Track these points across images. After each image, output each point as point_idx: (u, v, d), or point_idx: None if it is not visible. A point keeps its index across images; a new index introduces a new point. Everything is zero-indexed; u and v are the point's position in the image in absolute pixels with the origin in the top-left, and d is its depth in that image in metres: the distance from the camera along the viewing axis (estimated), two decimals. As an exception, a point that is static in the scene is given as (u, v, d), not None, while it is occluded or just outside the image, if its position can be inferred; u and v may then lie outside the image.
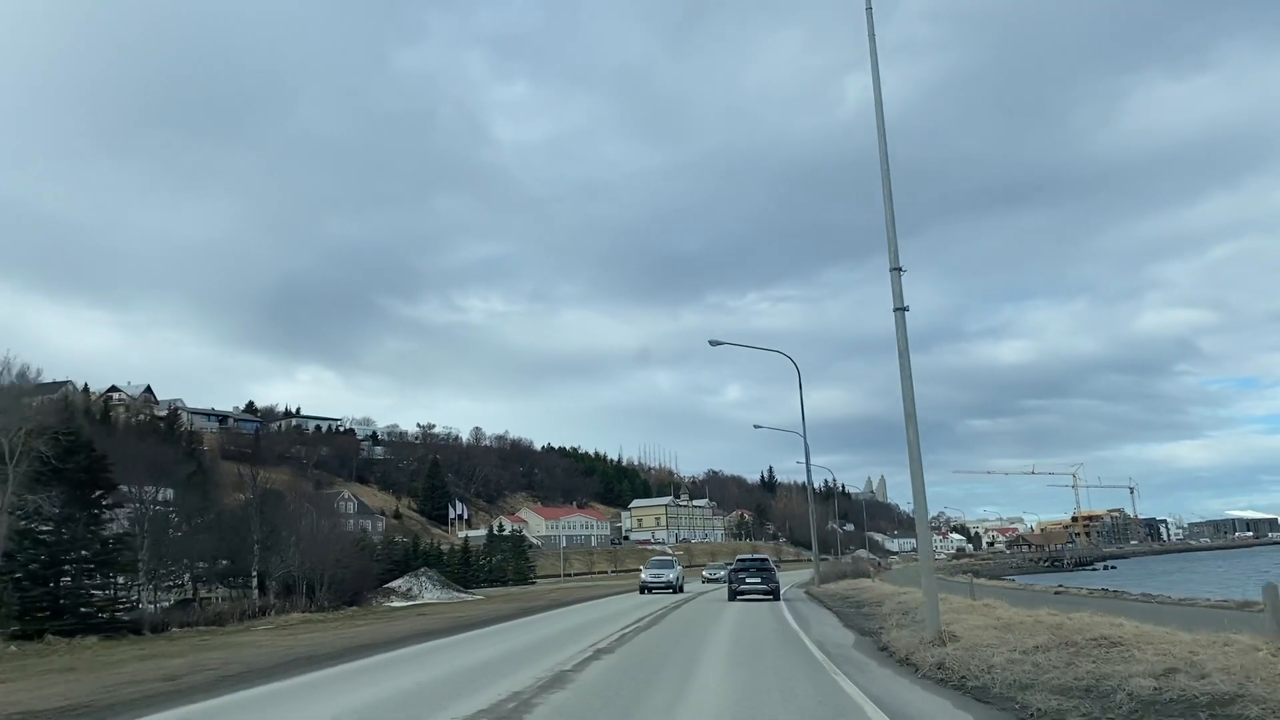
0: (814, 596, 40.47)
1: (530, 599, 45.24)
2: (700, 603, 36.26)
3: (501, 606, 39.49)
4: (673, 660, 15.18)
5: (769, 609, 30.82)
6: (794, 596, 40.94)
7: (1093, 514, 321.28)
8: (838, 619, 25.61)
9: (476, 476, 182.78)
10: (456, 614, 34.65)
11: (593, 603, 39.05)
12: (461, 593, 50.77)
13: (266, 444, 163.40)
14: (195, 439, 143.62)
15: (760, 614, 28.13)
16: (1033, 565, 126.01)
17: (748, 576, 38.29)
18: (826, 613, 28.77)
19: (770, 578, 38.62)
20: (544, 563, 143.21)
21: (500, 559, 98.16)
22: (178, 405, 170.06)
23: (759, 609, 30.86)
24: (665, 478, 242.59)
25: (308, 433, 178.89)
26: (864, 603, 29.96)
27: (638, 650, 17.09)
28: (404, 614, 37.83)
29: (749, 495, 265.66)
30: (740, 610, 30.05)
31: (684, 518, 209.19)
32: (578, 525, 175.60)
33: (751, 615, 27.50)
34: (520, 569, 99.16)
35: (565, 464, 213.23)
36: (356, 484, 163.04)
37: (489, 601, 45.50)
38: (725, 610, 30.26)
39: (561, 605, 37.82)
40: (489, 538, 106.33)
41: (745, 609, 30.85)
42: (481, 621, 29.26)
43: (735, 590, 38.06)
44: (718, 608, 31.80)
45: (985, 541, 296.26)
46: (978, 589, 29.41)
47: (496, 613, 33.70)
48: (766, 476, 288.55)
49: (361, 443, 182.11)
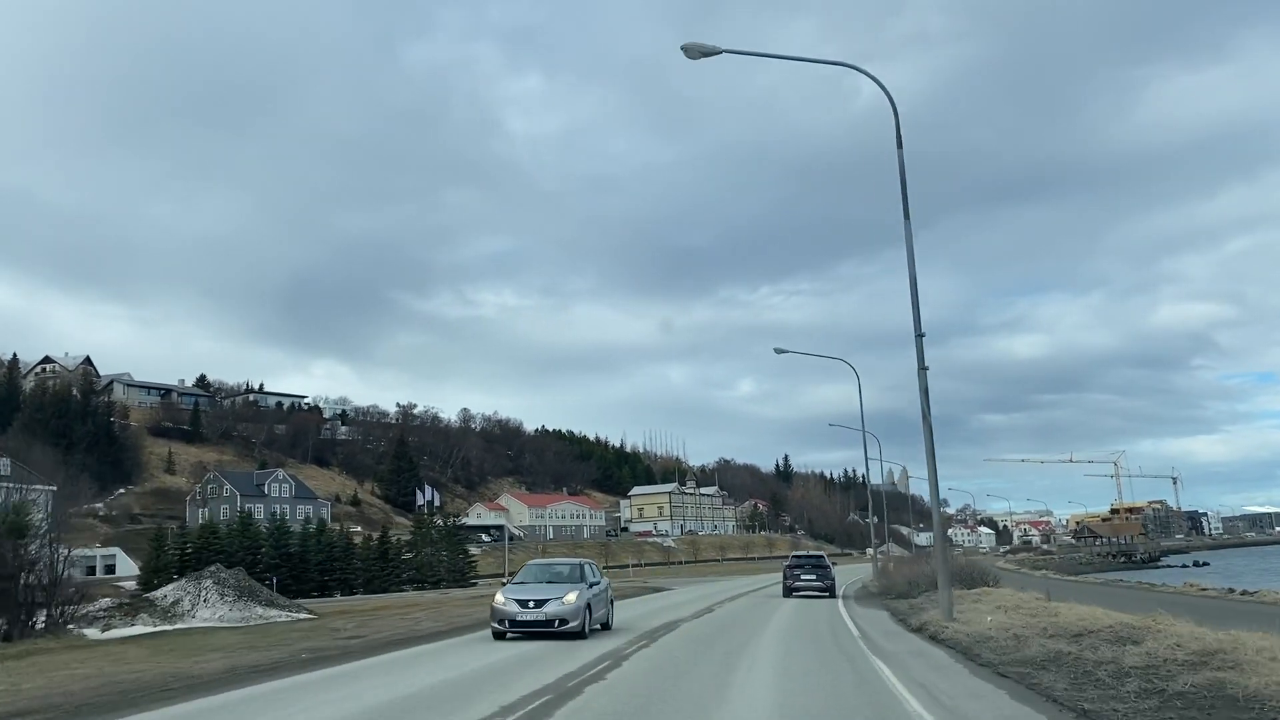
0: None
1: (309, 635, 23.75)
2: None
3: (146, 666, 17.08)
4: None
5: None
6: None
7: (1134, 506, 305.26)
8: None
9: (455, 459, 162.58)
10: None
11: (392, 657, 17.91)
12: (277, 609, 30.05)
13: (212, 421, 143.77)
14: (112, 411, 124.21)
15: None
16: (1104, 560, 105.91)
17: (803, 573, 38.06)
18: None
19: (826, 574, 37.88)
20: (526, 557, 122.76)
21: (429, 554, 77.41)
22: (118, 379, 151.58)
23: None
24: (672, 465, 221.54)
25: (267, 410, 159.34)
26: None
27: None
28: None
29: (763, 485, 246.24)
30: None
31: (690, 507, 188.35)
32: (567, 514, 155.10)
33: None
34: (457, 567, 78.71)
35: (559, 447, 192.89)
36: (313, 466, 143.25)
37: (207, 642, 22.33)
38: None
39: (311, 665, 17.00)
40: (416, 527, 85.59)
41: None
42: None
43: (790, 587, 37.82)
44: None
45: (1016, 536, 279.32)
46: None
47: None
48: (782, 465, 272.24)
49: (327, 422, 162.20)
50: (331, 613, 34.41)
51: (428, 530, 79.97)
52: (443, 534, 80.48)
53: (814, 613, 27.58)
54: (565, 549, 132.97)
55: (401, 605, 41.26)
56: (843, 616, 25.39)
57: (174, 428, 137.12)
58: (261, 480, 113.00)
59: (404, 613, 33.18)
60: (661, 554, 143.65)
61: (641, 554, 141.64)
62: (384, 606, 40.63)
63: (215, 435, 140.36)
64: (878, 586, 39.89)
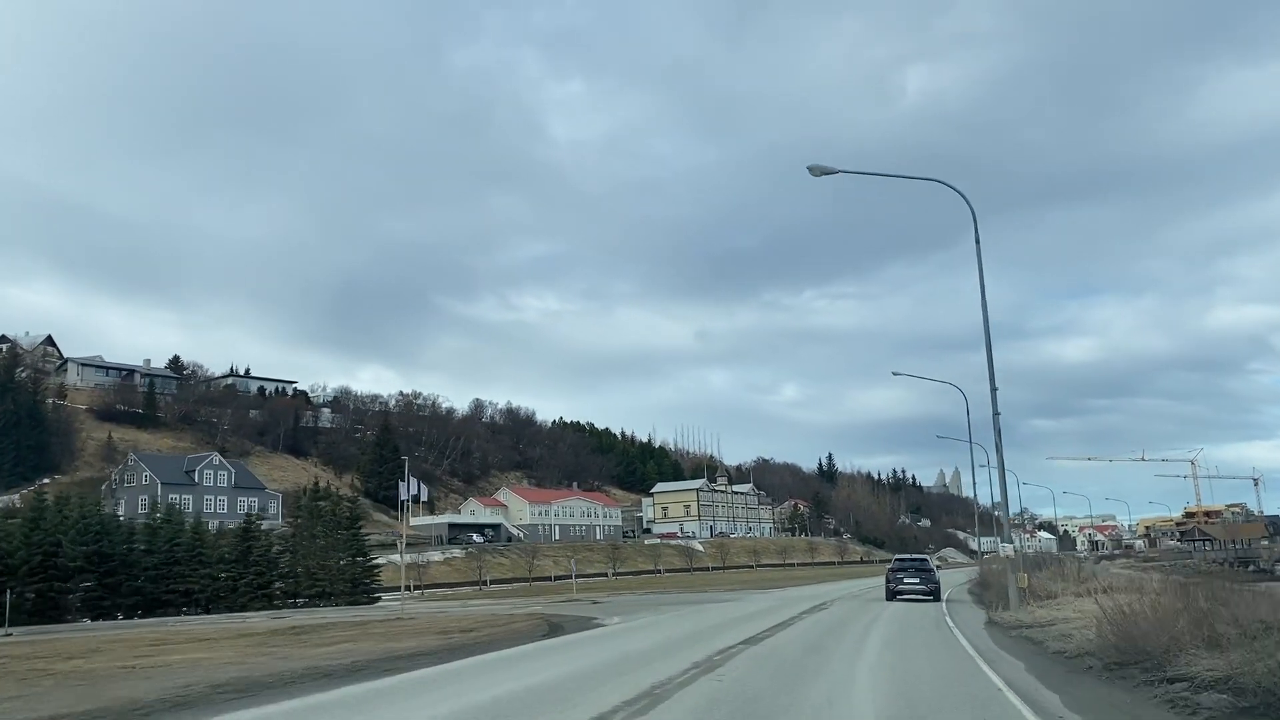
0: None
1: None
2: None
3: None
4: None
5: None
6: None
7: (1212, 509, 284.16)
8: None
9: (452, 450, 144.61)
10: None
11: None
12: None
13: (172, 405, 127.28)
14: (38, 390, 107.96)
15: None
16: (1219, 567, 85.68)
17: (906, 576, 37.71)
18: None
19: (930, 578, 37.82)
20: (504, 561, 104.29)
21: (312, 557, 57.76)
22: (88, 362, 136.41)
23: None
24: (704, 463, 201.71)
25: (246, 395, 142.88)
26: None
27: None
28: None
29: (804, 485, 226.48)
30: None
31: (720, 506, 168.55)
32: (577, 512, 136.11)
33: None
34: (355, 578, 59.01)
35: (575, 440, 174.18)
36: (284, 455, 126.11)
37: None
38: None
39: None
40: (294, 517, 65.83)
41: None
42: None
43: (893, 590, 37.31)
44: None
45: (1080, 541, 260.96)
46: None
47: None
48: (825, 464, 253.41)
49: (309, 408, 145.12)
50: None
51: (310, 523, 60.43)
52: (330, 528, 60.49)
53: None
54: (567, 551, 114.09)
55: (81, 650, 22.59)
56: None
57: (127, 411, 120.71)
58: (192, 466, 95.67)
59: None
60: (684, 558, 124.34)
61: (659, 558, 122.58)
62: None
63: (175, 420, 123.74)
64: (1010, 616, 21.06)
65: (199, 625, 38.77)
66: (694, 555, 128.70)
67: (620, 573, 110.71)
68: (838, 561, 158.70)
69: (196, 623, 41.03)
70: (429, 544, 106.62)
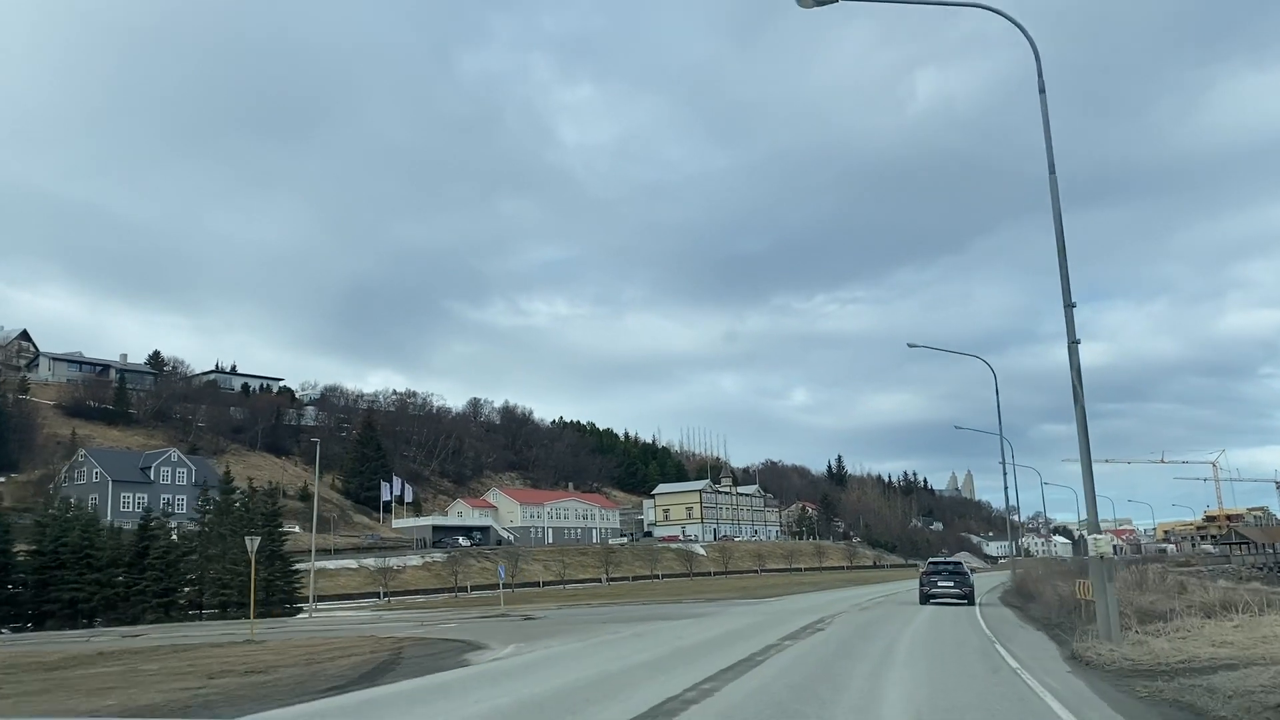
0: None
1: None
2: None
3: None
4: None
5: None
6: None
7: (1234, 512, 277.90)
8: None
9: (443, 450, 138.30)
10: None
11: None
12: None
13: (144, 401, 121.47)
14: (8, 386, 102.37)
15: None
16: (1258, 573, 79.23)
17: (940, 580, 37.97)
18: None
19: (964, 581, 37.69)
20: (489, 566, 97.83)
21: (227, 564, 50.16)
22: (67, 358, 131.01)
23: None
24: (710, 465, 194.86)
25: (229, 392, 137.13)
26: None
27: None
28: None
29: (813, 487, 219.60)
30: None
31: (725, 508, 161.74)
32: (571, 513, 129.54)
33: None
34: (271, 584, 51.26)
35: (573, 439, 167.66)
36: (262, 454, 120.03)
37: None
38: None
39: None
40: (201, 514, 57.87)
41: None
42: None
43: (927, 594, 37.44)
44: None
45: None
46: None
47: None
48: (835, 466, 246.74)
49: (293, 406, 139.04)
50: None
51: (219, 521, 53.18)
52: (240, 526, 52.61)
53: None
54: (559, 555, 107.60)
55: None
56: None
57: (97, 408, 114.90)
58: (149, 463, 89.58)
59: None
60: (683, 563, 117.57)
61: (657, 563, 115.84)
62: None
63: (148, 417, 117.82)
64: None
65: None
66: (695, 559, 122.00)
67: (614, 578, 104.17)
68: (846, 566, 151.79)
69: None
70: (410, 547, 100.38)
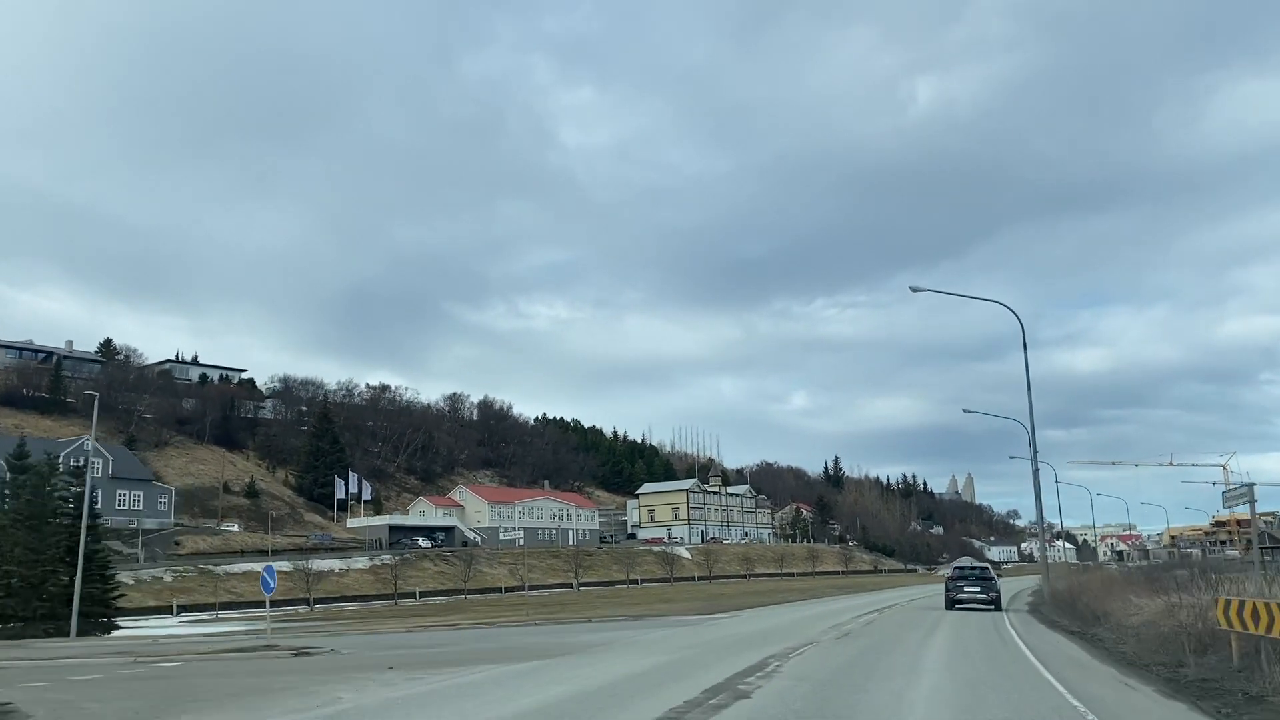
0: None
1: None
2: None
3: None
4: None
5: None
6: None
7: (1243, 517, 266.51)
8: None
9: (406, 445, 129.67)
10: None
11: None
12: None
13: (83, 388, 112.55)
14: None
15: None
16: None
17: (966, 585, 37.51)
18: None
19: (991, 587, 37.28)
20: (446, 570, 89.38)
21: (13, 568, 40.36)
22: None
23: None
24: (702, 465, 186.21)
25: (186, 383, 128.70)
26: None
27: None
28: None
29: (808, 489, 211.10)
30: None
31: (713, 509, 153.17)
32: (546, 513, 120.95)
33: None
34: (67, 597, 40.69)
35: (554, 436, 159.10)
36: (209, 447, 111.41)
37: None
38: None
39: None
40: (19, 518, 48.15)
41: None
42: None
43: (953, 599, 37.20)
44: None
45: (1101, 551, 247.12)
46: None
47: None
48: (831, 468, 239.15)
49: (250, 399, 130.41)
50: None
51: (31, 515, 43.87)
52: (23, 525, 42.74)
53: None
54: (529, 558, 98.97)
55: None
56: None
57: (30, 396, 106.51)
58: (57, 453, 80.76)
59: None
60: (664, 567, 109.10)
61: (636, 566, 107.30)
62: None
63: (84, 405, 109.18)
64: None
65: None
66: (677, 563, 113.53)
67: (586, 583, 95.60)
68: (842, 571, 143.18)
69: None
70: (361, 549, 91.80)
